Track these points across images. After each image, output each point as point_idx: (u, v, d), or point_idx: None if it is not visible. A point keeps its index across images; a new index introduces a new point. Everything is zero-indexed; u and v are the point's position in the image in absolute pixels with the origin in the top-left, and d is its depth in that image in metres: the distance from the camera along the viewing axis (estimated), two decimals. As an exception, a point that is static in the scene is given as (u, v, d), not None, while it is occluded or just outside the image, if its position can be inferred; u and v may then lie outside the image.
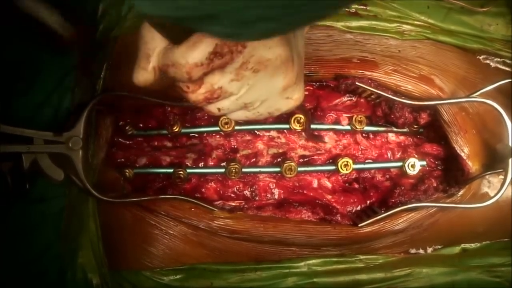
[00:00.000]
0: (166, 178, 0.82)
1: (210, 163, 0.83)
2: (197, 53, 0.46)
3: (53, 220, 0.75)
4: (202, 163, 0.83)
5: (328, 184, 0.85)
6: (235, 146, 0.84)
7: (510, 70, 0.84)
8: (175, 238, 0.78)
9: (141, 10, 0.36)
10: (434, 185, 0.82)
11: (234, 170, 0.80)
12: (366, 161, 0.85)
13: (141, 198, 0.76)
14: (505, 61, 0.84)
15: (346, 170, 0.82)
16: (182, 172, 0.80)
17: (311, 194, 0.84)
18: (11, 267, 0.73)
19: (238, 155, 0.83)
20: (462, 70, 0.82)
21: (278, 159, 0.84)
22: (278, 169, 0.81)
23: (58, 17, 0.66)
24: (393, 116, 0.81)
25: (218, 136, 0.83)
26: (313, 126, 0.82)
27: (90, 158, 0.76)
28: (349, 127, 0.83)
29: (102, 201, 0.75)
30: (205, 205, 0.77)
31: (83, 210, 0.76)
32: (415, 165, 0.82)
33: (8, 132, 0.69)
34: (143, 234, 0.78)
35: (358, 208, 0.84)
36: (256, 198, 0.83)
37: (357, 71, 0.78)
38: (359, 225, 0.77)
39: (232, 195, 0.83)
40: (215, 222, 0.76)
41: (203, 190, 0.82)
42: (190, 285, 0.78)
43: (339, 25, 0.79)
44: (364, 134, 0.85)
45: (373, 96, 0.81)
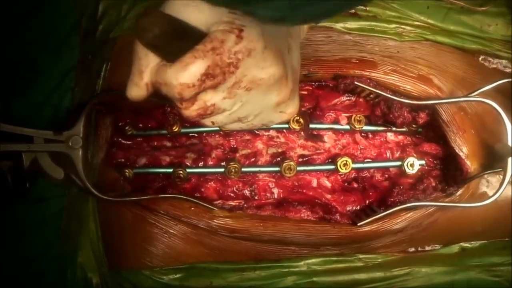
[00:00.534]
0: (165, 178, 0.82)
1: (210, 163, 0.83)
2: (188, 74, 0.46)
3: (53, 220, 0.76)
4: (202, 163, 0.83)
5: (327, 183, 0.85)
6: (235, 146, 0.84)
7: (509, 70, 0.85)
8: (175, 237, 0.78)
9: None
10: (433, 184, 0.82)
11: (233, 170, 0.80)
12: (365, 160, 0.85)
13: (141, 197, 0.76)
14: (504, 61, 0.85)
15: (345, 169, 0.82)
16: (181, 171, 0.80)
17: (311, 194, 0.84)
18: (11, 267, 0.74)
19: (237, 155, 0.84)
20: (461, 71, 0.82)
21: (278, 159, 0.84)
22: (277, 168, 0.82)
23: None
24: (392, 115, 0.81)
25: (217, 135, 0.84)
26: (312, 126, 0.82)
27: (90, 158, 0.76)
28: (348, 127, 0.83)
29: (102, 200, 0.75)
30: (204, 204, 0.77)
31: (83, 209, 0.76)
32: (414, 164, 0.83)
33: (8, 131, 0.69)
34: (143, 233, 0.78)
35: (357, 207, 0.84)
36: (255, 198, 0.83)
37: (356, 71, 0.78)
38: (358, 224, 0.77)
39: (231, 195, 0.83)
40: (215, 221, 0.76)
41: (203, 189, 0.82)
42: (189, 284, 0.78)
43: (338, 26, 0.79)
44: (363, 134, 0.85)
45: (372, 95, 0.81)
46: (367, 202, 0.84)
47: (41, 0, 0.75)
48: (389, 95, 0.78)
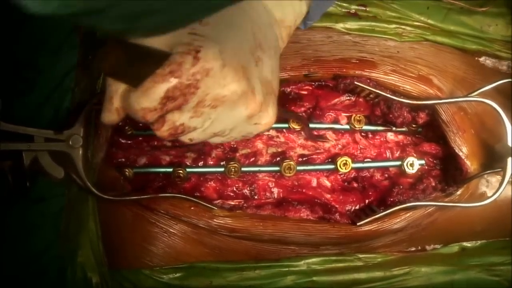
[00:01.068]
0: (165, 178, 0.82)
1: (210, 162, 0.83)
2: (149, 99, 0.48)
3: (53, 219, 0.76)
4: (202, 162, 0.83)
5: (327, 183, 0.85)
6: (234, 146, 0.84)
7: (509, 71, 0.85)
8: (175, 236, 0.78)
9: (29, 10, 0.34)
10: (433, 184, 0.82)
11: (233, 169, 0.80)
12: (365, 160, 0.85)
13: (141, 197, 0.76)
14: (504, 62, 0.85)
15: (345, 169, 0.82)
16: (181, 171, 0.80)
17: (310, 193, 0.84)
18: (11, 267, 0.74)
19: (237, 154, 0.84)
20: (460, 71, 0.82)
21: (277, 158, 0.84)
22: (277, 168, 0.82)
23: None
24: (391, 115, 0.81)
25: (217, 135, 0.84)
26: (312, 126, 0.83)
27: (90, 157, 0.76)
28: (348, 127, 0.84)
29: (102, 199, 0.75)
30: (204, 203, 0.77)
31: (83, 209, 0.76)
32: (414, 164, 0.83)
33: (9, 130, 0.70)
34: (143, 233, 0.78)
35: (357, 207, 0.84)
36: (255, 197, 0.83)
37: (355, 72, 0.78)
38: (358, 224, 0.77)
39: (231, 194, 0.83)
40: (215, 220, 0.76)
41: (203, 189, 0.82)
42: (189, 283, 0.78)
43: (338, 26, 0.79)
44: (363, 133, 0.86)
45: (371, 95, 0.81)
46: (367, 201, 0.84)
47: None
48: (388, 95, 0.78)
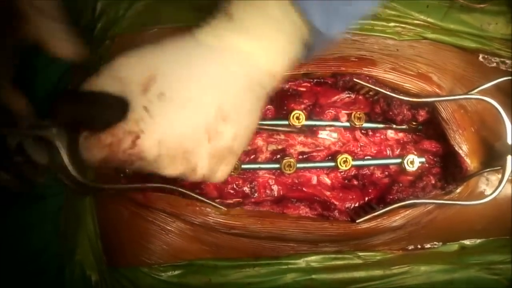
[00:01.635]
0: (165, 175, 0.82)
1: (209, 160, 0.83)
2: (89, 156, 0.51)
3: (52, 218, 0.76)
4: (201, 160, 0.83)
5: (327, 180, 0.85)
6: (234, 144, 0.84)
7: (509, 69, 0.84)
8: (172, 234, 0.78)
9: None
10: (432, 182, 0.82)
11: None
12: (365, 157, 0.85)
13: (130, 185, 0.74)
14: (504, 60, 0.84)
15: (345, 166, 0.82)
16: (181, 169, 0.80)
17: (310, 191, 0.84)
18: (10, 265, 0.74)
19: (237, 152, 0.84)
20: (460, 69, 0.81)
21: (277, 156, 0.84)
22: (277, 165, 0.82)
23: None
24: (391, 113, 0.81)
25: (217, 133, 0.84)
26: (312, 123, 0.83)
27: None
28: (348, 124, 0.84)
29: (94, 190, 0.71)
30: (202, 198, 0.76)
31: (80, 207, 0.76)
32: (414, 161, 0.83)
33: None
34: (140, 231, 0.77)
35: (356, 204, 0.84)
36: (255, 195, 0.83)
37: (355, 70, 0.78)
38: (357, 221, 0.77)
39: (231, 192, 0.83)
40: (212, 218, 0.76)
41: (202, 186, 0.82)
42: (188, 281, 0.78)
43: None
44: (363, 131, 0.85)
45: (371, 93, 0.81)
46: (366, 199, 0.84)
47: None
48: (388, 92, 0.78)
